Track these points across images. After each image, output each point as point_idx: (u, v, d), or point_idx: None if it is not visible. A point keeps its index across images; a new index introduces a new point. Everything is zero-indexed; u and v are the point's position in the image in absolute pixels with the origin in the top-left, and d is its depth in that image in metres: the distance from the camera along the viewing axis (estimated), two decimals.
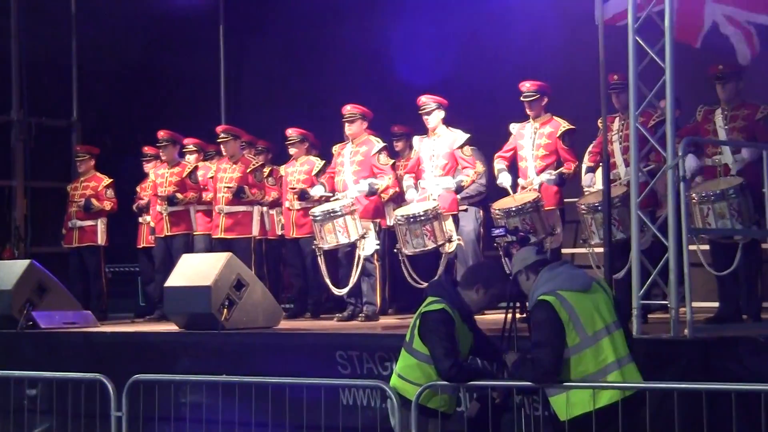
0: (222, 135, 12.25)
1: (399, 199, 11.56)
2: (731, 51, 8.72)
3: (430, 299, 6.90)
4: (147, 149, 13.29)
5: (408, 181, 10.90)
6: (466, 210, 11.50)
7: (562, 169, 10.19)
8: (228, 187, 11.98)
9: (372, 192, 10.98)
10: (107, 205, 13.05)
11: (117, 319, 13.18)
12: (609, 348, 6.32)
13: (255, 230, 12.08)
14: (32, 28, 15.01)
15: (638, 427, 6.52)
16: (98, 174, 13.26)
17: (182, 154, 12.94)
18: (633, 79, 8.21)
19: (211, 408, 8.66)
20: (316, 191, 11.33)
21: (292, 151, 12.24)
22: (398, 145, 12.46)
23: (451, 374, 6.64)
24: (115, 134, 15.20)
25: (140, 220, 13.21)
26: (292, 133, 12.18)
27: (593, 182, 10.22)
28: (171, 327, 10.81)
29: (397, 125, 12.55)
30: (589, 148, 10.42)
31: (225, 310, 10.16)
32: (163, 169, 12.74)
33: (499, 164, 10.49)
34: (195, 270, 10.59)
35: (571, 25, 11.67)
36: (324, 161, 12.05)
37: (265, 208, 12.35)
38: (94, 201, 12.97)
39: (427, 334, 6.75)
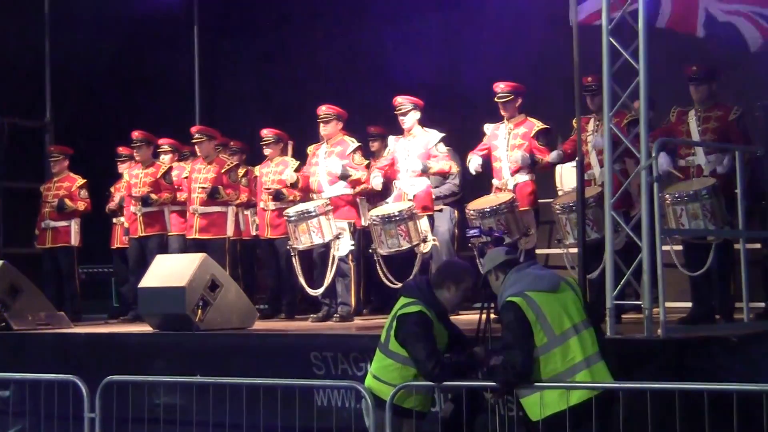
0: (197, 135, 12.22)
1: (373, 200, 11.56)
2: (737, 38, 8.68)
3: (405, 300, 6.91)
4: (122, 149, 13.24)
5: (375, 172, 10.87)
6: (441, 210, 11.51)
7: (535, 153, 10.18)
8: (203, 188, 11.95)
9: (344, 176, 10.93)
10: (81, 206, 12.99)
11: (91, 320, 13.12)
12: (577, 347, 6.35)
13: (230, 231, 12.05)
14: (5, 29, 14.92)
15: (611, 426, 6.54)
16: (72, 174, 13.20)
17: (156, 155, 12.89)
18: (607, 79, 8.23)
19: (185, 409, 8.64)
20: (288, 175, 11.29)
21: (267, 151, 12.21)
22: (374, 146, 12.46)
23: (435, 374, 6.66)
24: (89, 135, 15.13)
25: (114, 220, 13.16)
26: (267, 133, 12.16)
27: (561, 158, 10.21)
28: (145, 328, 10.77)
29: (373, 126, 12.55)
30: (564, 146, 10.46)
31: (199, 310, 10.14)
32: (137, 169, 12.70)
33: (472, 155, 10.50)
34: (169, 271, 10.56)
35: (545, 26, 11.70)
36: (299, 162, 12.04)
37: (239, 208, 12.31)
38: (67, 201, 12.91)
39: (406, 336, 6.77)
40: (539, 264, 6.74)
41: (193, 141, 12.26)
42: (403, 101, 10.79)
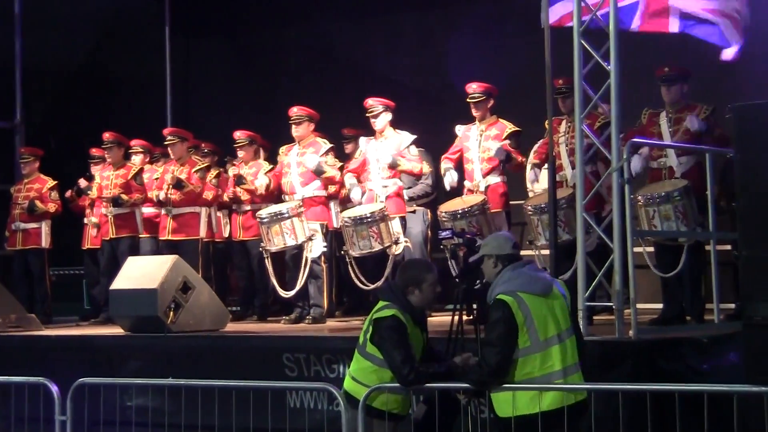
0: (169, 137, 12.18)
1: (345, 201, 11.56)
2: (719, 37, 8.70)
3: (381, 304, 6.88)
4: (94, 151, 13.17)
5: (351, 179, 10.87)
6: (414, 212, 11.52)
7: (510, 150, 10.19)
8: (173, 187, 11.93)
9: (319, 171, 10.91)
10: (51, 207, 12.92)
11: (62, 322, 13.05)
12: (558, 356, 6.32)
13: (202, 232, 12.01)
14: None
15: None
16: (42, 176, 13.12)
17: (128, 156, 12.83)
18: (578, 81, 8.27)
19: (157, 411, 8.60)
20: (261, 181, 11.24)
21: (240, 153, 12.18)
22: (348, 148, 12.44)
23: (409, 380, 6.65)
24: (60, 136, 15.06)
25: (85, 220, 13.09)
26: (240, 135, 12.13)
27: (537, 178, 10.28)
28: (116, 330, 10.73)
29: (347, 128, 12.54)
30: (535, 147, 10.49)
31: (171, 312, 10.11)
32: (108, 171, 12.64)
33: (445, 164, 10.53)
34: (141, 273, 10.53)
35: (517, 28, 11.74)
36: (272, 165, 12.03)
37: (212, 210, 12.28)
38: (38, 203, 12.84)
39: (380, 341, 6.73)
40: (535, 264, 6.68)
41: (166, 143, 12.21)
42: (374, 103, 10.79)
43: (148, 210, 12.46)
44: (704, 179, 8.98)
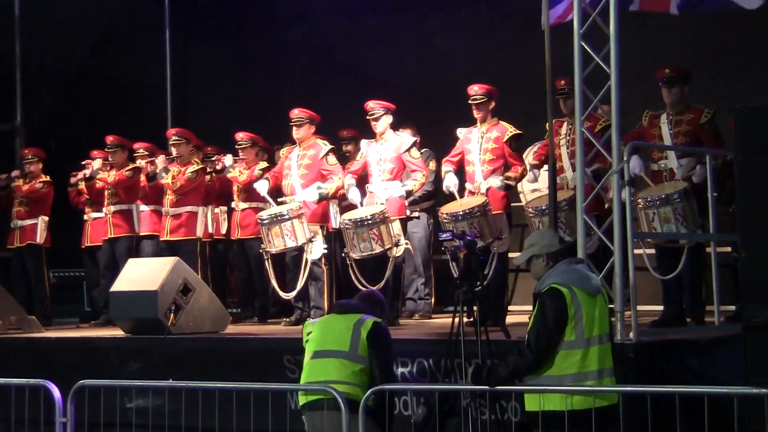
0: (174, 138, 12.20)
1: (342, 200, 11.61)
2: (712, 3, 8.66)
3: (363, 315, 7.23)
4: (95, 153, 13.14)
5: (350, 180, 10.87)
6: (418, 217, 11.52)
7: (508, 174, 10.22)
8: (173, 191, 11.94)
9: (323, 198, 10.95)
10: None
11: (62, 324, 13.05)
12: (595, 357, 6.35)
13: (200, 231, 12.01)
14: None
15: None
16: (44, 177, 13.11)
17: (132, 159, 12.82)
18: (578, 84, 8.26)
19: (157, 413, 8.60)
20: (261, 186, 11.24)
21: (242, 155, 12.17)
22: (347, 149, 12.45)
23: (392, 381, 7.12)
24: (61, 138, 15.06)
25: (85, 217, 13.07)
26: (242, 137, 12.13)
27: (536, 178, 10.28)
28: (117, 332, 10.73)
29: (346, 129, 12.54)
30: (535, 148, 10.49)
31: (171, 315, 10.12)
32: (111, 173, 12.61)
33: (445, 167, 10.52)
34: (141, 275, 10.53)
35: (518, 29, 11.75)
36: (267, 165, 12.04)
37: (210, 208, 12.27)
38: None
39: (382, 342, 7.12)
40: (585, 265, 6.74)
41: (171, 143, 12.23)
42: (374, 106, 10.79)
43: (145, 208, 12.45)
44: (705, 181, 8.98)
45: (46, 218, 12.95)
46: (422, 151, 11.28)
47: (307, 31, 14.97)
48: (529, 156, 10.64)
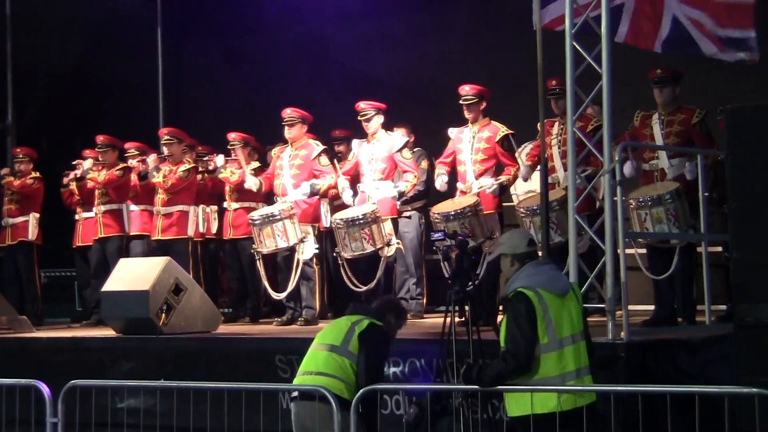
0: (167, 137, 12.19)
1: (333, 200, 11.60)
2: (695, 50, 8.70)
3: (363, 317, 7.42)
4: (87, 153, 13.12)
5: (343, 182, 10.87)
6: (409, 217, 11.52)
7: (501, 178, 10.21)
8: (165, 189, 11.93)
9: (314, 193, 10.94)
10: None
11: (53, 324, 13.03)
12: (571, 356, 6.37)
13: (191, 231, 12.00)
14: None
15: None
16: (34, 173, 13.10)
17: (123, 158, 12.81)
18: (570, 84, 8.27)
19: (148, 413, 8.60)
20: (250, 182, 11.22)
21: (234, 155, 12.15)
22: (339, 149, 12.46)
23: (375, 382, 7.15)
24: (52, 138, 15.04)
25: (76, 217, 13.06)
26: (234, 137, 12.12)
27: (530, 177, 10.29)
28: (108, 332, 10.72)
29: (338, 129, 12.55)
30: (527, 149, 10.50)
31: (163, 314, 10.10)
32: (98, 172, 12.59)
33: (438, 169, 10.53)
34: (132, 274, 10.51)
35: (510, 30, 11.75)
36: (259, 165, 12.04)
37: (201, 207, 12.26)
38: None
39: (373, 343, 7.26)
40: (554, 265, 6.74)
41: (163, 143, 12.22)
42: (366, 107, 10.79)
43: (135, 208, 12.44)
44: (697, 181, 8.99)
45: (37, 215, 12.94)
46: (414, 150, 11.29)
47: (299, 31, 14.96)
48: (522, 156, 10.64)
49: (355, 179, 10.97)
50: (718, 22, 8.53)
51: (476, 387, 6.54)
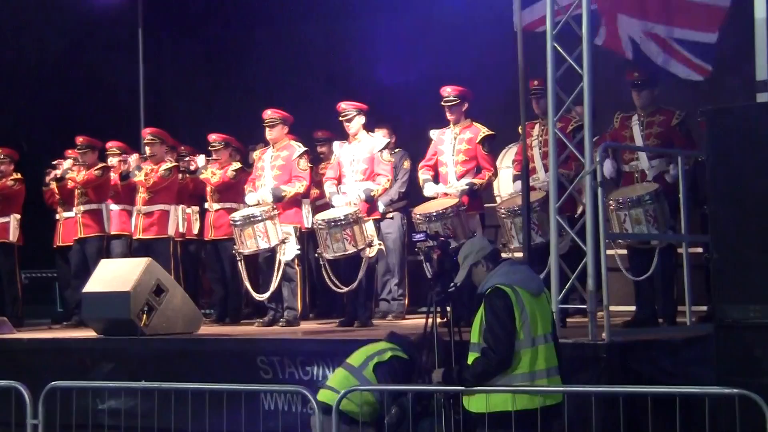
0: (149, 137, 12.18)
1: (315, 201, 11.59)
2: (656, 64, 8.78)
3: (393, 345, 7.46)
4: (70, 153, 13.07)
5: (331, 188, 10.84)
6: (392, 218, 11.54)
7: (473, 180, 10.22)
8: (146, 188, 11.91)
9: (278, 199, 10.89)
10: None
11: (34, 325, 12.98)
12: (542, 356, 6.41)
13: (171, 230, 11.97)
14: None
15: None
16: (15, 174, 13.05)
17: (103, 158, 12.78)
18: (551, 85, 8.30)
19: (130, 414, 8.58)
20: (250, 199, 11.14)
21: (215, 156, 12.14)
22: (321, 150, 12.46)
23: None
24: (32, 138, 14.98)
25: (57, 216, 13.02)
26: (215, 138, 12.11)
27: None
28: (89, 333, 10.69)
29: (320, 130, 12.55)
30: (512, 155, 10.51)
31: (144, 315, 10.08)
32: (78, 173, 12.56)
33: (423, 175, 10.50)
34: (114, 275, 10.49)
35: (491, 31, 11.76)
36: (241, 165, 12.03)
37: (182, 207, 12.24)
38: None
39: (387, 377, 7.38)
40: (528, 266, 6.81)
41: (146, 143, 12.21)
42: (347, 107, 10.79)
43: (115, 207, 12.41)
44: (676, 182, 9.03)
45: (18, 216, 12.89)
46: (395, 150, 11.29)
47: (280, 31, 14.94)
48: (505, 159, 10.63)
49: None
50: (679, 23, 8.57)
51: (458, 388, 6.55)
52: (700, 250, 9.99)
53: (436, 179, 10.45)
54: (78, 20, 15.14)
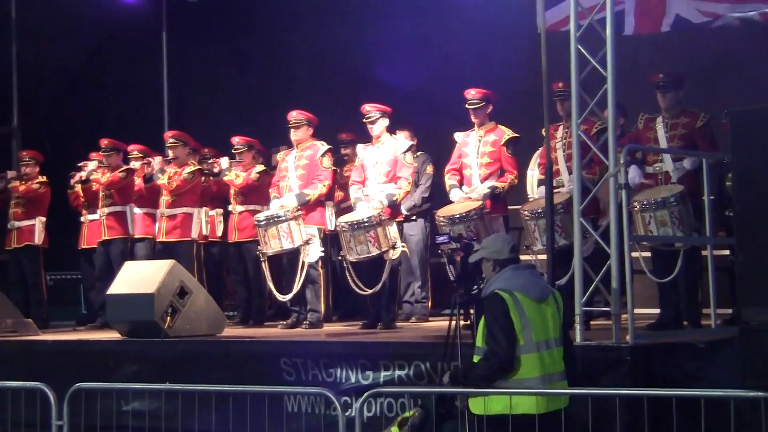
0: (172, 140, 12.21)
1: (343, 205, 11.58)
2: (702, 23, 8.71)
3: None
4: (94, 155, 13.14)
5: (357, 193, 10.83)
6: (415, 220, 11.53)
7: (495, 183, 10.20)
8: (169, 191, 11.94)
9: (303, 203, 10.90)
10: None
11: (59, 327, 13.04)
12: (546, 361, 6.40)
13: (194, 233, 12.00)
14: None
15: None
16: (41, 177, 13.12)
17: (126, 161, 12.83)
18: (575, 87, 8.27)
19: (153, 416, 8.60)
20: (274, 206, 11.14)
21: (239, 159, 12.17)
22: (345, 152, 12.47)
23: None
24: (57, 141, 15.05)
25: (81, 219, 13.08)
26: (238, 141, 12.13)
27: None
28: (113, 335, 10.72)
29: (345, 132, 12.55)
30: (538, 160, 10.48)
31: (168, 317, 10.10)
32: (102, 174, 12.61)
33: (450, 180, 10.47)
34: (138, 277, 10.52)
35: (515, 33, 11.75)
36: (264, 168, 12.05)
37: (205, 210, 12.28)
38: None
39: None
40: (536, 270, 6.78)
41: (168, 145, 12.24)
42: (370, 109, 10.79)
43: (138, 211, 12.46)
44: (700, 184, 8.99)
45: (44, 219, 12.96)
46: (418, 154, 11.29)
47: (304, 34, 14.97)
48: (537, 170, 10.59)
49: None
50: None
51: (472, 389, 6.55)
52: (725, 252, 9.94)
53: (461, 182, 10.42)
54: (102, 24, 15.21)
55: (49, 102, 15.75)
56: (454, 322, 7.40)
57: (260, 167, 12.02)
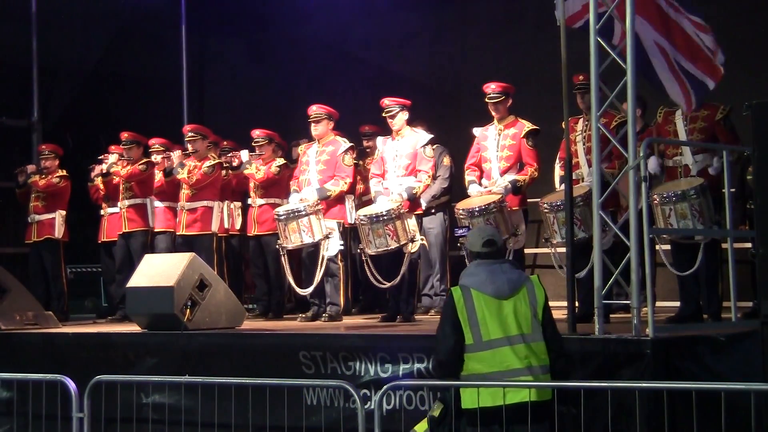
0: (191, 134, 12.22)
1: (364, 198, 11.59)
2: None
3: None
4: (113, 149, 13.17)
5: (377, 186, 10.82)
6: (434, 213, 11.53)
7: (516, 177, 10.17)
8: (189, 185, 11.96)
9: (324, 197, 10.91)
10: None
11: (79, 319, 13.10)
12: (513, 356, 6.31)
13: (215, 226, 12.03)
14: None
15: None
16: (61, 171, 13.17)
17: (147, 154, 12.86)
18: (594, 79, 8.24)
19: (173, 409, 8.63)
20: (294, 199, 11.17)
21: (259, 152, 12.18)
22: (368, 145, 12.46)
23: None
24: (77, 134, 15.11)
25: (101, 212, 13.12)
26: (258, 134, 12.15)
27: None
28: (133, 327, 10.75)
29: (367, 125, 12.55)
30: (560, 154, 10.47)
31: (188, 310, 10.11)
32: (122, 167, 12.65)
33: (469, 176, 10.44)
34: (157, 270, 10.53)
35: (535, 26, 11.74)
36: (284, 161, 12.06)
37: (225, 203, 12.30)
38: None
39: None
40: (510, 266, 6.62)
41: (187, 139, 12.26)
42: (390, 103, 10.78)
43: (159, 204, 12.49)
44: (721, 177, 8.96)
45: (64, 213, 13.00)
46: (434, 147, 11.28)
47: (323, 27, 14.97)
48: (557, 167, 10.56)
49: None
50: (685, 55, 8.47)
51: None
52: (746, 245, 9.91)
53: (480, 177, 10.40)
54: (122, 17, 15.25)
55: (69, 95, 15.80)
56: None
57: (280, 161, 12.04)
